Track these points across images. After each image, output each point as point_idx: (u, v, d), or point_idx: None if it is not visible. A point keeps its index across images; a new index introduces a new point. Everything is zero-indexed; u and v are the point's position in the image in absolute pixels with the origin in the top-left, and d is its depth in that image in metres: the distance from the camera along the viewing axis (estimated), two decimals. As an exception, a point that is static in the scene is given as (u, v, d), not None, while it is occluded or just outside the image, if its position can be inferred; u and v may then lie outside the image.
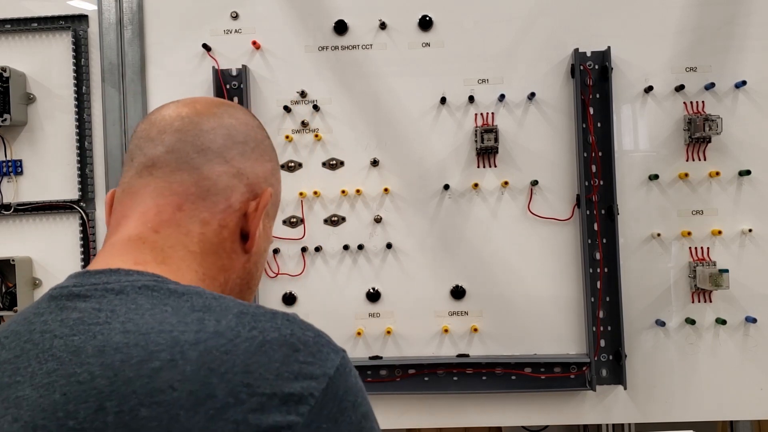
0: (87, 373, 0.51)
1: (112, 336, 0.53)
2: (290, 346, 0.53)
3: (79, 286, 0.59)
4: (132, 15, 1.49)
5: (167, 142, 0.67)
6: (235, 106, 0.73)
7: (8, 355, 0.56)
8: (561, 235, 1.45)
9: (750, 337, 1.42)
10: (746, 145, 1.42)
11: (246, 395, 0.49)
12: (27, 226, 1.51)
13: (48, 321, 0.57)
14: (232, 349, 0.51)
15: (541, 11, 1.45)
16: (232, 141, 0.68)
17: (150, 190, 0.66)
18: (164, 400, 0.49)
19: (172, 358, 0.50)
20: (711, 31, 1.43)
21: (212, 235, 0.66)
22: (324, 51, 1.48)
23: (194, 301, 0.56)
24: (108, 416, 0.48)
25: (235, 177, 0.68)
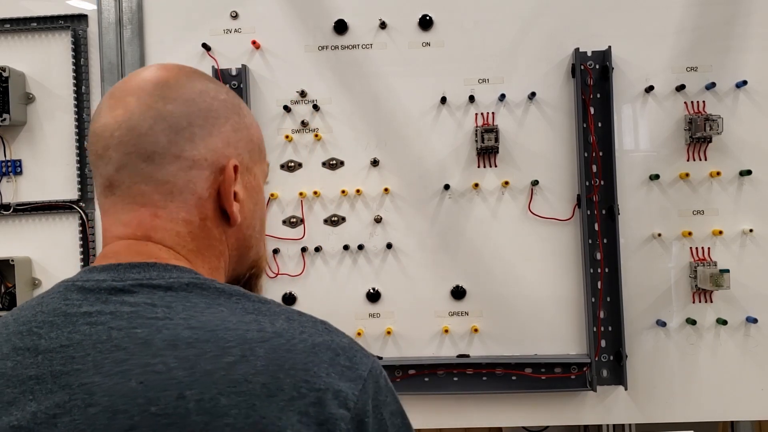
0: (162, 364, 0.55)
1: (179, 331, 0.57)
2: (333, 351, 0.59)
3: (119, 281, 0.62)
4: (131, 15, 1.48)
5: (114, 160, 0.66)
6: (170, 81, 0.67)
7: (51, 344, 0.59)
8: (561, 235, 1.44)
9: (751, 337, 1.42)
10: (747, 145, 1.42)
11: (306, 390, 0.55)
12: (26, 226, 1.51)
13: (92, 313, 0.60)
14: (291, 348, 0.57)
15: (541, 11, 1.45)
16: (175, 132, 0.65)
17: (119, 209, 0.67)
18: (242, 390, 0.54)
19: (243, 354, 0.55)
20: (711, 31, 1.43)
21: (198, 230, 0.67)
22: (324, 51, 1.47)
23: (244, 303, 0.61)
24: (189, 403, 0.53)
25: (192, 168, 0.66)
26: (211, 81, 0.71)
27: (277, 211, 1.48)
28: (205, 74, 0.72)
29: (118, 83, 0.70)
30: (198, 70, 0.72)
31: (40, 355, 0.59)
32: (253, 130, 0.73)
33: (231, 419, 0.53)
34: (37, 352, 0.59)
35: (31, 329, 0.61)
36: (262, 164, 0.75)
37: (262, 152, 0.75)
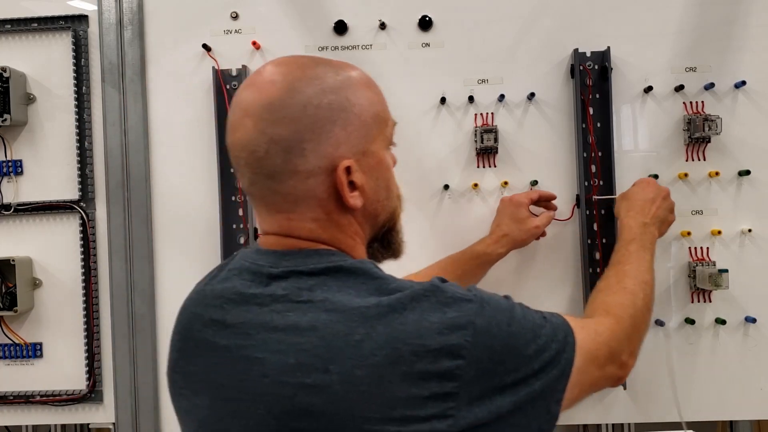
0: (309, 343, 0.68)
1: (318, 314, 0.69)
2: (440, 311, 0.69)
3: (274, 267, 0.75)
4: (132, 15, 1.49)
5: (246, 176, 0.77)
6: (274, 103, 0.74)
7: (234, 320, 0.75)
8: (561, 235, 1.45)
9: (750, 337, 1.42)
10: (746, 145, 1.42)
11: (423, 352, 0.67)
12: (27, 226, 1.51)
13: (258, 295, 0.74)
14: (405, 321, 0.68)
15: (541, 11, 1.45)
16: (287, 152, 0.73)
17: (262, 211, 0.80)
18: (370, 363, 0.66)
19: (367, 332, 0.67)
20: (710, 31, 1.43)
21: (327, 223, 0.78)
22: (324, 51, 1.48)
23: (368, 285, 0.73)
24: (332, 375, 0.66)
25: (308, 178, 0.75)
26: (313, 82, 0.75)
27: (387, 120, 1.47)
28: (310, 70, 0.77)
29: (240, 94, 0.79)
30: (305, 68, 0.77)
31: (228, 328, 0.75)
32: (364, 113, 0.78)
33: (365, 387, 0.66)
34: (225, 325, 0.75)
35: (221, 305, 0.77)
36: (383, 133, 0.82)
37: (381, 122, 0.82)
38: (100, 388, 1.48)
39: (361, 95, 0.78)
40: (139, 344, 1.47)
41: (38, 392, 1.48)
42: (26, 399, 1.48)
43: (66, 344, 1.49)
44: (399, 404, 0.65)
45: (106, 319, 1.48)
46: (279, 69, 0.78)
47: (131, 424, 1.47)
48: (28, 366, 1.50)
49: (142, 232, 1.47)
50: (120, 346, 1.47)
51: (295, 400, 0.67)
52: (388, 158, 0.84)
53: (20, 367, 1.50)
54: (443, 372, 0.66)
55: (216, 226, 1.45)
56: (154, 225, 1.49)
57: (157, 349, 1.48)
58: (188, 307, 0.84)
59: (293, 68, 0.78)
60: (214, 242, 1.45)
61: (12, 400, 1.48)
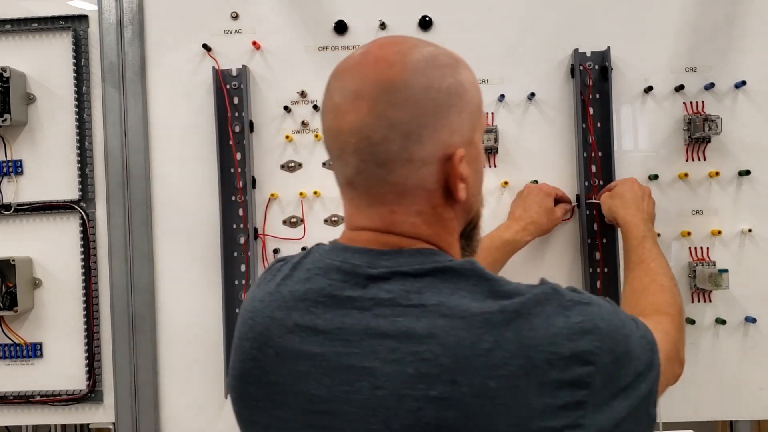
0: (429, 352, 0.62)
1: (434, 319, 0.63)
2: (564, 315, 0.65)
3: (373, 268, 0.68)
4: (132, 15, 1.49)
5: (352, 164, 0.70)
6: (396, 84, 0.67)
7: (328, 325, 0.68)
8: (561, 235, 1.45)
9: (750, 337, 1.42)
10: (746, 145, 1.42)
11: (556, 359, 0.62)
12: (27, 226, 1.51)
13: (356, 298, 0.67)
14: (532, 327, 0.63)
15: (541, 11, 1.45)
16: (405, 138, 0.67)
17: (362, 202, 0.72)
18: (504, 373, 0.61)
19: (495, 339, 0.62)
20: (711, 31, 1.43)
21: (431, 217, 0.72)
22: (324, 51, 1.48)
23: (481, 286, 0.66)
24: (463, 387, 0.61)
25: (422, 167, 0.69)
26: (432, 63, 0.70)
27: (277, 211, 1.48)
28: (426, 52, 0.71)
29: (346, 77, 0.71)
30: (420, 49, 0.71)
31: (320, 334, 0.67)
32: (474, 101, 0.73)
33: (502, 399, 0.61)
34: (316, 331, 0.68)
35: (308, 308, 0.69)
36: (481, 120, 0.77)
37: (481, 111, 0.76)
38: (100, 388, 1.48)
39: (471, 79, 0.74)
40: (139, 344, 1.47)
41: (38, 392, 1.48)
42: (26, 399, 1.48)
43: (66, 344, 1.49)
44: (535, 416, 0.61)
45: (106, 319, 1.48)
46: (393, 49, 0.71)
47: (131, 424, 1.47)
48: (28, 366, 1.50)
49: (142, 232, 1.47)
50: (120, 346, 1.47)
51: (419, 415, 0.61)
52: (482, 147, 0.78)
53: (20, 367, 1.50)
54: (575, 380, 0.63)
55: (216, 226, 1.45)
56: (154, 225, 1.49)
57: (157, 349, 1.48)
58: (261, 311, 0.74)
59: (408, 48, 0.71)
60: (214, 242, 1.45)
61: (12, 400, 1.48)
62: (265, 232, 1.48)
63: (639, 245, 1.16)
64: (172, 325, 1.48)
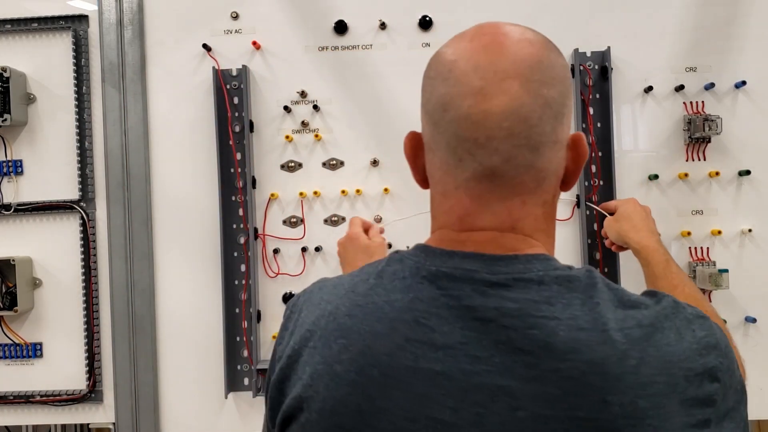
0: (574, 369, 0.57)
1: (573, 334, 0.58)
2: (691, 331, 0.62)
3: (491, 274, 0.62)
4: (132, 15, 1.49)
5: (503, 151, 0.62)
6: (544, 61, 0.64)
7: (447, 340, 0.60)
8: (561, 235, 1.44)
9: (750, 337, 1.42)
10: (746, 145, 1.42)
11: (692, 376, 0.59)
12: (27, 226, 1.51)
13: (477, 308, 0.60)
14: (668, 341, 0.60)
15: (541, 11, 1.45)
16: (555, 118, 0.63)
17: (494, 197, 0.64)
18: (652, 392, 0.57)
19: (641, 356, 0.58)
20: (711, 31, 1.43)
21: (550, 208, 0.68)
22: (324, 51, 1.48)
23: (609, 295, 0.62)
24: (613, 407, 0.56)
25: (561, 149, 0.66)
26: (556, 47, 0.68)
27: (277, 211, 1.48)
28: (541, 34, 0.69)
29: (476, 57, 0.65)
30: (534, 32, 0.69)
31: (440, 350, 0.59)
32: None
33: (651, 420, 0.57)
34: (435, 346, 0.60)
35: (417, 320, 0.61)
36: None
37: None
38: (100, 388, 1.48)
39: None
40: (139, 344, 1.47)
41: (38, 392, 1.48)
42: (26, 399, 1.48)
43: (66, 344, 1.49)
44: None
45: (106, 319, 1.48)
46: (518, 27, 0.68)
47: (131, 424, 1.47)
48: (28, 366, 1.50)
49: (142, 232, 1.47)
50: (120, 346, 1.47)
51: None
52: None
53: (20, 367, 1.50)
54: (705, 397, 0.60)
55: (216, 226, 1.45)
56: (154, 225, 1.49)
57: (157, 349, 1.48)
58: (354, 327, 0.64)
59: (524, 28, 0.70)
60: (214, 242, 1.45)
61: (12, 400, 1.48)
62: (265, 232, 1.48)
63: (666, 270, 1.13)
64: (172, 325, 1.48)
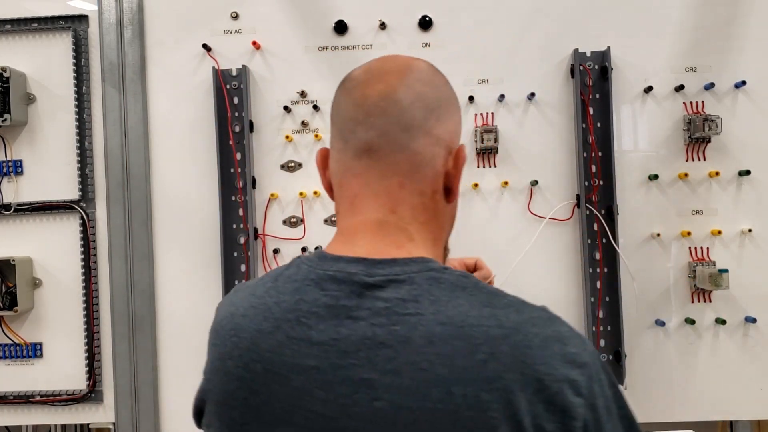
0: (426, 362, 0.61)
1: (431, 327, 0.62)
2: (561, 341, 0.63)
3: (369, 276, 0.67)
4: (132, 15, 1.49)
5: (377, 126, 0.71)
6: (418, 66, 0.75)
7: (322, 336, 0.65)
8: (561, 235, 1.45)
9: (750, 337, 1.42)
10: (746, 145, 1.42)
11: (549, 382, 0.60)
12: (27, 226, 1.51)
13: (352, 307, 0.65)
14: (528, 344, 0.62)
15: (541, 11, 1.45)
16: (429, 110, 0.72)
17: (374, 173, 0.72)
18: (497, 386, 0.60)
19: (492, 351, 0.61)
20: (711, 31, 1.43)
21: (429, 202, 0.73)
22: (324, 51, 1.48)
23: (478, 296, 0.65)
24: (456, 398, 0.59)
25: (436, 145, 0.72)
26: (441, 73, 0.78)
27: (277, 211, 1.48)
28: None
29: (371, 65, 0.77)
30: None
31: (315, 346, 0.65)
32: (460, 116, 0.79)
33: (493, 413, 0.59)
34: (311, 343, 0.65)
35: (299, 319, 0.67)
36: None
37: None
38: (100, 388, 1.48)
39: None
40: (139, 344, 1.47)
41: (38, 392, 1.48)
42: (26, 399, 1.48)
43: (66, 344, 1.49)
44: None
45: (106, 319, 1.48)
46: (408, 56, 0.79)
47: (131, 424, 1.47)
48: (28, 366, 1.50)
49: (142, 232, 1.47)
50: (120, 346, 1.47)
51: (416, 427, 0.60)
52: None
53: (20, 367, 1.50)
54: (564, 406, 0.61)
55: (216, 226, 1.45)
56: (154, 225, 1.49)
57: (157, 349, 1.48)
58: (246, 326, 0.70)
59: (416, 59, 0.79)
60: (214, 242, 1.45)
61: (12, 400, 1.48)
62: (265, 232, 1.48)
63: None
64: (172, 325, 1.48)
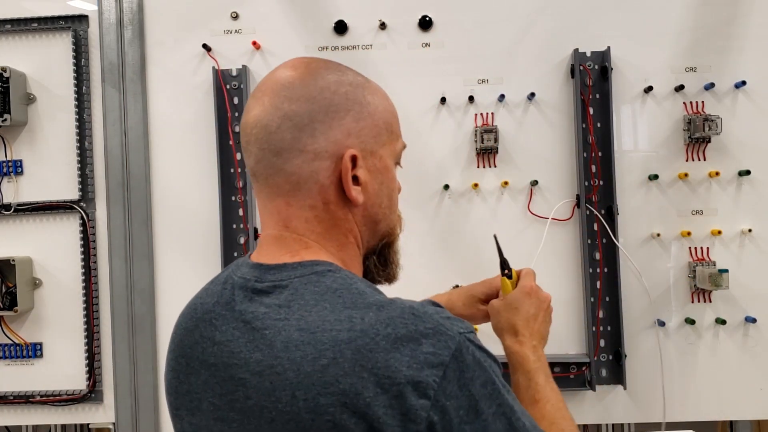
0: (281, 366, 0.65)
1: (291, 333, 0.66)
2: (415, 341, 0.63)
3: (260, 282, 0.72)
4: (132, 15, 1.49)
5: (253, 153, 0.75)
6: (295, 82, 0.74)
7: (222, 337, 0.71)
8: (561, 235, 1.45)
9: (750, 337, 1.42)
10: (746, 145, 1.42)
11: (389, 385, 0.62)
12: (27, 226, 1.51)
13: (243, 311, 0.71)
14: (374, 347, 0.63)
15: (541, 11, 1.45)
16: (299, 129, 0.72)
17: (263, 195, 0.76)
18: (335, 391, 0.62)
19: (334, 356, 0.63)
20: (711, 31, 1.43)
21: (323, 213, 0.75)
22: (324, 51, 1.48)
23: (344, 297, 0.67)
24: (299, 402, 0.63)
25: (315, 160, 0.73)
26: (335, 72, 0.76)
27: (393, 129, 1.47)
28: (333, 65, 0.78)
29: (262, 81, 0.78)
30: (328, 63, 0.78)
31: (216, 345, 0.72)
32: (378, 115, 0.78)
33: (330, 416, 0.61)
34: (214, 342, 0.72)
35: (211, 320, 0.74)
36: (392, 145, 0.81)
37: (392, 133, 0.81)
38: (100, 388, 1.48)
39: (378, 99, 0.79)
40: (139, 344, 1.47)
41: (38, 392, 1.48)
42: (26, 399, 1.48)
43: (66, 344, 1.49)
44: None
45: (106, 319, 1.48)
46: (302, 60, 0.78)
47: (131, 424, 1.47)
48: (28, 366, 1.50)
49: (142, 232, 1.47)
50: (120, 346, 1.47)
51: (273, 426, 0.65)
52: (394, 170, 0.83)
53: (20, 367, 1.50)
54: (407, 410, 0.61)
55: (216, 226, 1.45)
56: (154, 225, 1.49)
57: (157, 349, 1.48)
58: (181, 324, 0.80)
59: (317, 60, 0.78)
60: (214, 242, 1.45)
61: (12, 400, 1.48)
62: (265, 232, 1.48)
63: (531, 380, 0.98)
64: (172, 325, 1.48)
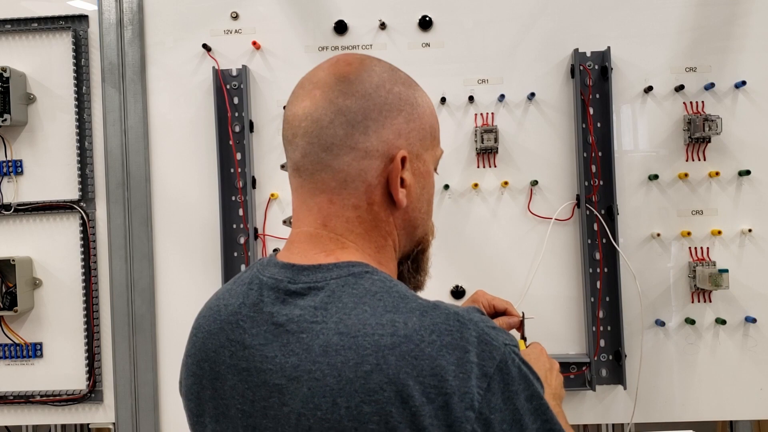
0: (320, 371, 0.62)
1: (330, 337, 0.63)
2: (461, 349, 0.61)
3: (293, 283, 0.69)
4: (132, 15, 1.49)
5: (300, 147, 0.72)
6: (350, 77, 0.72)
7: (253, 341, 0.68)
8: (561, 235, 1.45)
9: (750, 337, 1.42)
10: (746, 145, 1.42)
11: (434, 395, 0.59)
12: (27, 226, 1.51)
13: (274, 313, 0.68)
14: (419, 354, 0.60)
15: (541, 11, 1.45)
16: (352, 126, 0.71)
17: (305, 191, 0.74)
18: (379, 399, 0.59)
19: (377, 362, 0.60)
20: (711, 31, 1.43)
21: (366, 214, 0.73)
22: (324, 51, 1.48)
23: (385, 300, 0.65)
24: (341, 410, 0.60)
25: (365, 158, 0.71)
26: (388, 71, 0.75)
27: (277, 211, 1.48)
28: (386, 63, 0.76)
29: (308, 74, 0.76)
30: (381, 61, 0.76)
31: (247, 349, 0.68)
32: (425, 118, 0.77)
33: (374, 425, 0.59)
34: (244, 346, 0.69)
35: (238, 322, 0.71)
36: (434, 150, 0.81)
37: (435, 139, 0.80)
38: (100, 388, 1.48)
39: (427, 101, 0.78)
40: (139, 344, 1.47)
41: (38, 392, 1.48)
42: (26, 399, 1.48)
43: (66, 344, 1.49)
44: None
45: (106, 319, 1.48)
46: (357, 56, 0.76)
47: (131, 424, 1.47)
48: (28, 366, 1.50)
49: (142, 232, 1.47)
50: (120, 346, 1.47)
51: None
52: (434, 176, 0.82)
53: (20, 367, 1.50)
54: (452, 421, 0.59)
55: (216, 226, 1.45)
56: (154, 225, 1.49)
57: (157, 349, 1.48)
58: (202, 326, 0.76)
59: (371, 57, 0.77)
60: (214, 242, 1.45)
61: (12, 400, 1.48)
62: (265, 232, 1.48)
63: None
64: (172, 325, 1.48)
